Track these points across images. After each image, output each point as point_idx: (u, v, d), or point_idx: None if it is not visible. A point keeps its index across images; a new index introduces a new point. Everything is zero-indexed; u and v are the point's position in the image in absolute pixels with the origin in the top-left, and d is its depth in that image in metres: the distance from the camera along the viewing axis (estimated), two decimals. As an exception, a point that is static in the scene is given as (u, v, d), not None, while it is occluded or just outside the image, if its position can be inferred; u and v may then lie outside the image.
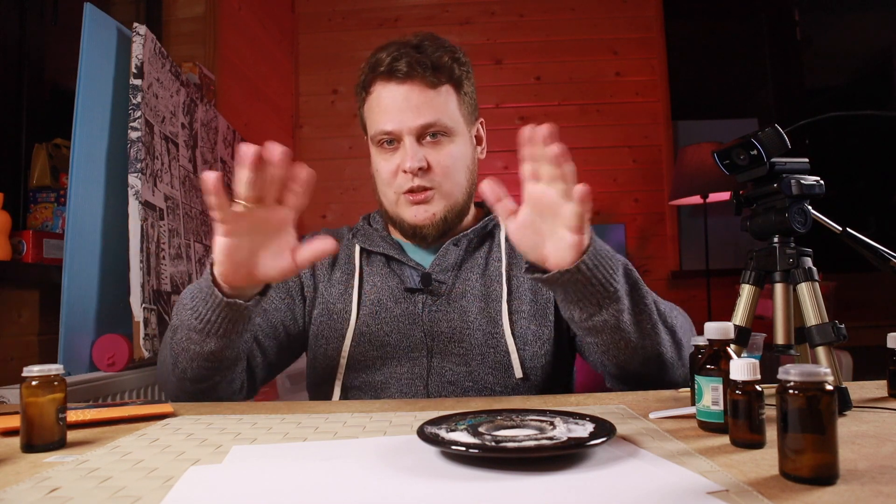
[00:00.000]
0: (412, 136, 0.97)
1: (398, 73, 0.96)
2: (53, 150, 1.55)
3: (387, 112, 0.97)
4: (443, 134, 0.98)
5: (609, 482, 0.46)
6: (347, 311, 1.00)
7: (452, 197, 1.00)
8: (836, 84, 3.66)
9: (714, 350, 0.62)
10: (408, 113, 0.96)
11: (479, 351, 0.95)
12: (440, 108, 0.97)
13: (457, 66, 1.00)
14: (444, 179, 0.99)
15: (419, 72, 0.96)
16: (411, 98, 0.96)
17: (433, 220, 0.99)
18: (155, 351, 1.34)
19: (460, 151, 1.01)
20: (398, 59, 0.96)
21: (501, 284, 1.00)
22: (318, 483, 0.48)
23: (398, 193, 0.99)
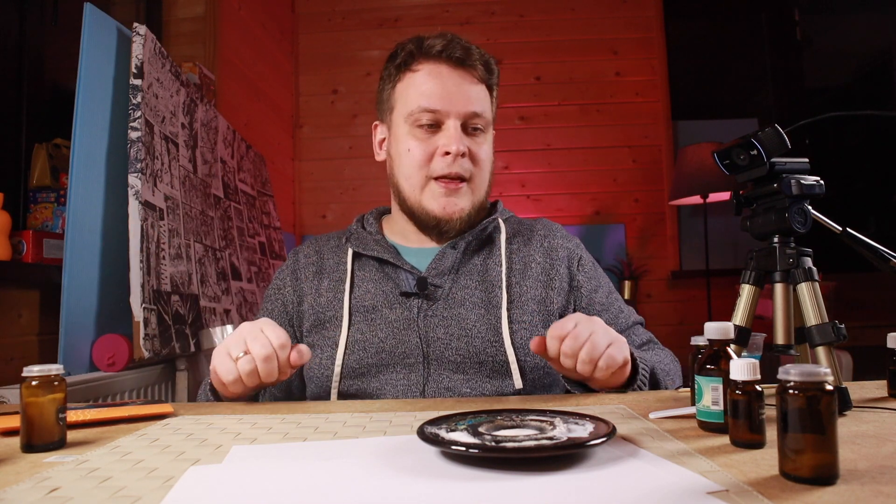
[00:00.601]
0: (458, 120, 0.97)
1: (454, 56, 0.97)
2: (53, 150, 1.55)
3: (436, 90, 0.97)
4: (483, 128, 0.99)
5: (609, 482, 0.46)
6: (339, 318, 0.98)
7: (479, 193, 1.01)
8: (836, 84, 3.66)
9: (714, 350, 0.62)
10: (459, 97, 0.96)
11: (477, 359, 0.93)
12: (485, 102, 1.00)
13: (497, 70, 1.03)
14: (478, 171, 0.99)
15: (473, 62, 0.98)
16: (463, 84, 0.97)
17: (461, 215, 0.99)
18: (155, 351, 1.34)
19: (491, 150, 1.03)
20: (455, 43, 0.98)
21: (501, 291, 0.97)
22: (318, 483, 0.48)
23: (429, 178, 0.98)
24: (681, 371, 1.00)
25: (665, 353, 1.01)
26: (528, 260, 1.02)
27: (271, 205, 2.54)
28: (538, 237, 1.05)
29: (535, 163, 3.33)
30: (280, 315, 1.04)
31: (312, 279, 1.03)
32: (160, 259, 1.44)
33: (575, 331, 0.78)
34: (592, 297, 1.03)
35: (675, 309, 3.28)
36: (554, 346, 0.79)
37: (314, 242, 1.10)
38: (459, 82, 0.97)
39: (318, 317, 1.00)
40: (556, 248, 1.04)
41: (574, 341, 0.78)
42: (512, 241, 1.04)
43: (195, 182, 1.73)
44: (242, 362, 0.78)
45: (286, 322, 1.04)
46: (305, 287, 1.03)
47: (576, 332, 0.78)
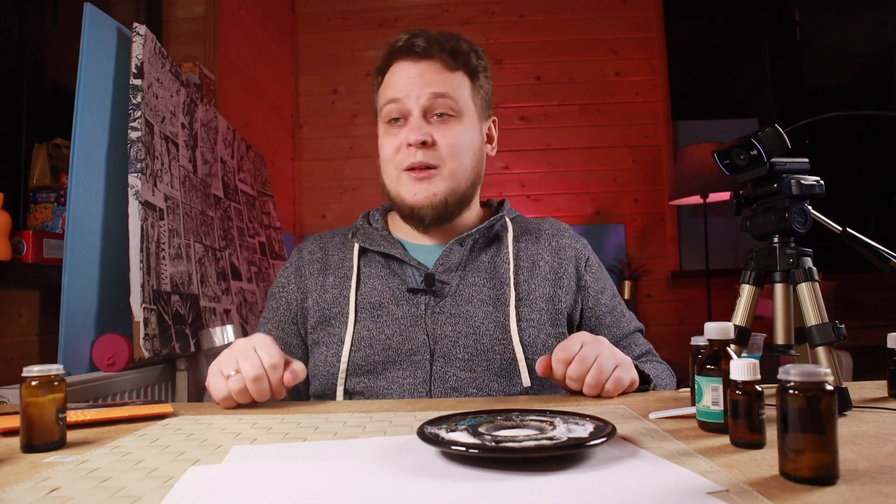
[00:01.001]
0: (420, 107, 0.97)
1: (416, 49, 0.98)
2: (53, 150, 1.55)
3: (397, 84, 0.98)
4: (451, 114, 0.98)
5: (609, 482, 0.46)
6: (345, 314, 0.97)
7: (456, 179, 0.98)
8: (836, 84, 3.66)
9: (714, 350, 0.62)
10: (419, 86, 0.97)
11: (484, 356, 0.93)
12: (453, 86, 0.99)
13: (474, 55, 1.02)
14: (449, 158, 0.97)
15: (436, 51, 0.97)
16: (426, 74, 0.97)
17: (432, 201, 0.97)
18: (155, 351, 1.34)
19: (468, 135, 1.00)
20: (417, 37, 0.98)
21: (510, 288, 0.97)
22: (318, 483, 0.48)
23: (399, 170, 0.98)
24: (675, 385, 1.00)
25: (663, 367, 1.01)
26: (536, 258, 1.02)
27: (271, 205, 2.54)
28: (546, 236, 1.06)
29: (535, 163, 3.33)
30: (284, 314, 1.04)
31: (317, 276, 1.03)
32: (160, 259, 1.44)
33: (581, 353, 0.79)
34: (599, 297, 1.03)
35: (675, 309, 3.27)
36: (560, 369, 0.80)
37: (318, 239, 1.10)
38: (421, 72, 0.97)
39: (324, 313, 0.99)
40: (564, 247, 1.04)
41: (580, 365, 0.79)
42: (520, 240, 1.04)
43: (195, 182, 1.73)
44: (232, 381, 0.78)
45: (290, 320, 1.04)
46: (310, 284, 1.03)
47: (582, 354, 0.79)
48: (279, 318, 1.04)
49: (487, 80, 1.06)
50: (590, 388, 0.79)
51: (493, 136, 1.09)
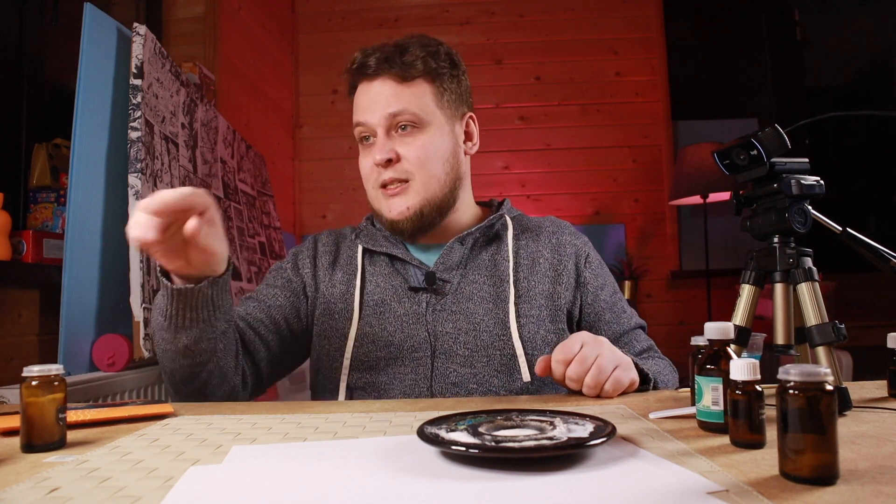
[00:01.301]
0: (382, 128, 0.98)
1: (368, 71, 0.99)
2: (53, 150, 1.55)
3: (359, 107, 1.00)
4: (413, 125, 0.98)
5: (609, 482, 0.46)
6: (349, 310, 1.00)
7: (429, 189, 0.99)
8: (836, 84, 3.66)
9: (714, 350, 0.62)
10: (376, 106, 0.98)
11: (485, 353, 0.94)
12: (409, 100, 0.98)
13: (432, 59, 0.99)
14: (417, 170, 0.98)
15: (386, 67, 0.98)
16: (381, 92, 0.98)
17: (407, 215, 0.99)
18: (155, 351, 1.34)
19: (435, 143, 0.99)
20: (368, 55, 0.99)
21: (509, 286, 0.99)
22: (318, 483, 0.48)
23: (375, 188, 1.01)
24: (678, 381, 1.00)
25: (664, 363, 1.02)
26: (536, 256, 1.03)
27: (271, 205, 2.54)
28: (547, 234, 1.07)
29: (535, 163, 3.33)
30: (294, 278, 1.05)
31: (328, 268, 1.06)
32: (160, 259, 1.44)
33: (581, 354, 0.79)
34: (598, 294, 1.04)
35: (675, 309, 3.27)
36: (559, 370, 0.80)
37: (333, 234, 1.13)
38: (379, 91, 0.98)
39: (329, 306, 1.02)
40: (564, 244, 1.05)
41: (580, 366, 0.79)
42: (520, 238, 1.06)
43: (195, 182, 1.73)
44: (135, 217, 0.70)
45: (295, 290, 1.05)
46: (321, 274, 1.06)
47: (582, 355, 0.79)
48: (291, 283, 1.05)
49: (456, 79, 1.03)
50: (589, 389, 0.79)
51: (472, 133, 1.08)
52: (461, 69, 1.05)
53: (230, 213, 2.02)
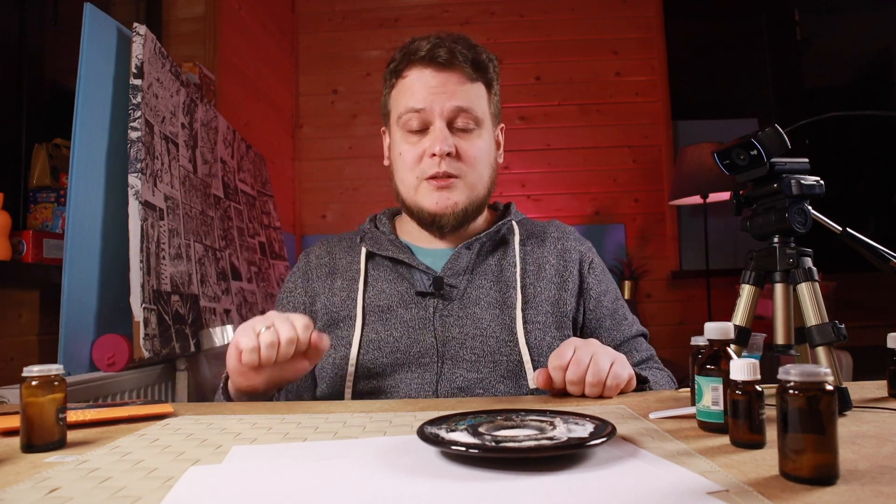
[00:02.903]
0: (443, 119, 0.97)
1: (439, 59, 0.97)
2: (53, 150, 1.55)
3: (420, 92, 0.98)
4: (473, 124, 0.99)
5: (609, 482, 0.46)
6: (352, 317, 0.98)
7: (476, 189, 1.00)
8: (836, 84, 3.66)
9: (714, 350, 0.62)
10: (442, 96, 0.97)
11: (491, 358, 0.94)
12: (474, 98, 0.99)
13: (492, 66, 1.02)
14: (470, 169, 0.99)
15: (459, 62, 0.97)
16: (448, 84, 0.97)
17: (454, 209, 0.98)
18: (155, 351, 1.34)
19: (487, 146, 1.02)
20: (439, 46, 0.98)
21: (516, 291, 0.98)
22: (318, 483, 0.48)
23: (420, 179, 0.99)
24: None
25: (663, 374, 1.01)
26: (542, 262, 1.03)
27: (271, 205, 2.54)
28: (552, 239, 1.07)
29: (535, 163, 3.33)
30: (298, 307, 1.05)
31: (325, 279, 1.04)
32: (160, 259, 1.44)
33: (575, 356, 0.79)
34: (600, 300, 1.04)
35: (675, 309, 3.27)
36: (558, 376, 0.80)
37: (325, 243, 1.11)
38: (444, 82, 0.97)
39: (332, 316, 1.00)
40: (569, 250, 1.05)
41: (577, 366, 0.79)
42: (526, 243, 1.05)
43: (195, 182, 1.73)
44: (265, 335, 0.77)
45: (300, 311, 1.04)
46: (317, 287, 1.04)
47: (576, 357, 0.79)
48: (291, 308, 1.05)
49: (499, 89, 1.06)
50: (591, 388, 0.79)
51: (500, 143, 1.10)
52: (500, 84, 1.07)
53: (230, 213, 2.02)
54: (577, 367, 0.79)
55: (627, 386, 0.84)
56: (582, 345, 0.81)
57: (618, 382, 0.80)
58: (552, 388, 0.82)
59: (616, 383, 0.80)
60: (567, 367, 0.79)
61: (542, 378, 0.81)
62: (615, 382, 0.80)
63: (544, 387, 0.82)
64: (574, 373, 0.79)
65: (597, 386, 0.79)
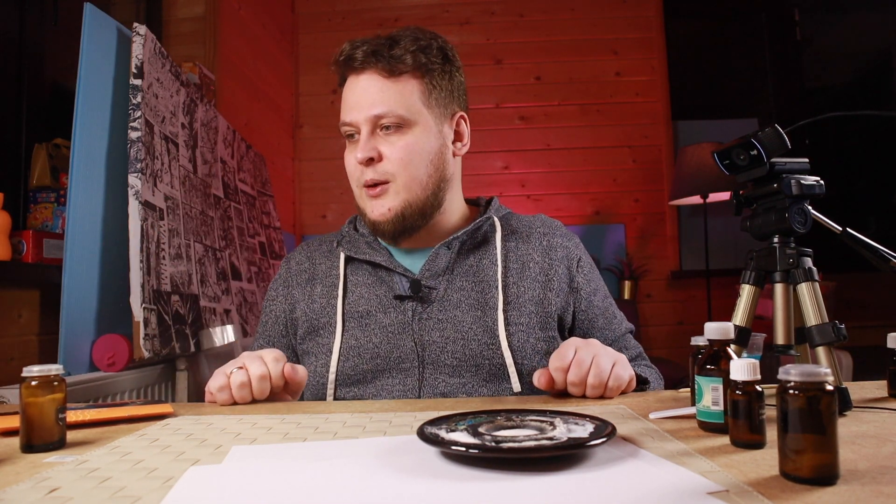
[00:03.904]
0: (367, 126, 0.94)
1: (354, 63, 0.94)
2: (53, 150, 1.55)
3: (345, 103, 0.97)
4: (397, 125, 0.94)
5: (609, 482, 0.46)
6: (332, 324, 0.96)
7: (411, 191, 0.94)
8: (836, 84, 3.66)
9: (714, 350, 0.62)
10: (362, 104, 0.94)
11: (473, 362, 0.91)
12: (394, 98, 0.93)
13: (423, 55, 0.94)
14: (399, 171, 0.94)
15: (373, 61, 0.93)
16: (368, 88, 0.94)
17: (389, 216, 0.94)
18: (155, 351, 1.34)
19: (419, 143, 0.94)
20: (356, 47, 0.95)
21: (497, 292, 0.95)
22: (318, 483, 0.48)
23: (359, 187, 0.97)
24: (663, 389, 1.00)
25: (652, 372, 1.01)
26: (525, 259, 1.00)
27: (271, 205, 2.54)
28: (537, 235, 1.03)
29: (535, 163, 3.33)
30: (273, 327, 1.05)
31: (305, 286, 1.03)
32: (160, 259, 1.44)
33: (577, 357, 0.79)
34: (592, 300, 1.02)
35: (675, 309, 3.27)
36: (560, 377, 0.80)
37: (306, 248, 1.09)
38: (365, 87, 0.94)
39: (312, 323, 0.99)
40: (555, 247, 1.02)
41: (579, 368, 0.79)
42: (509, 240, 1.02)
43: (195, 182, 1.73)
44: (235, 375, 0.80)
45: (279, 334, 1.04)
46: (297, 294, 1.03)
47: (578, 358, 0.79)
48: (269, 332, 1.05)
49: (448, 76, 0.98)
50: (593, 389, 0.79)
51: (462, 133, 1.02)
52: (455, 65, 1.00)
53: (230, 213, 2.02)
54: (578, 369, 0.78)
55: (628, 387, 0.83)
56: (583, 345, 0.80)
57: (619, 384, 0.80)
58: (553, 389, 0.82)
59: (618, 384, 0.80)
60: (568, 369, 0.79)
61: (544, 379, 0.81)
62: (617, 384, 0.79)
63: (546, 388, 0.81)
64: (576, 374, 0.78)
65: (598, 388, 0.79)
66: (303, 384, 0.87)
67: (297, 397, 0.89)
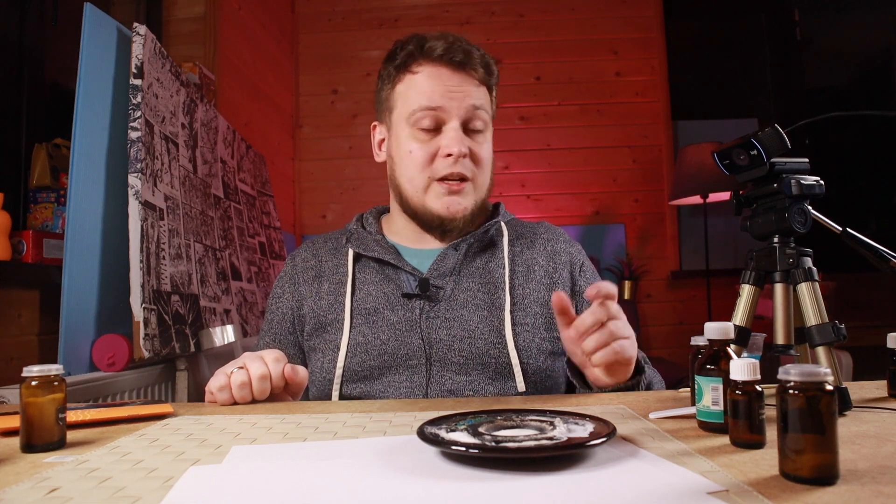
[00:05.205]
0: (460, 119, 0.96)
1: (455, 59, 0.97)
2: (53, 150, 1.55)
3: (436, 90, 0.96)
4: (483, 127, 0.99)
5: (609, 482, 0.46)
6: (340, 320, 0.97)
7: (481, 192, 1.01)
8: (836, 84, 3.66)
9: (714, 350, 0.62)
10: (460, 97, 0.96)
11: (479, 360, 0.93)
12: (485, 100, 1.00)
13: (496, 70, 1.03)
14: (480, 171, 0.99)
15: (473, 65, 0.97)
16: (464, 85, 0.97)
17: (464, 214, 0.98)
18: (155, 351, 1.34)
19: (491, 150, 1.03)
20: (455, 46, 0.97)
21: (504, 293, 0.97)
22: (318, 483, 0.48)
23: (432, 179, 0.97)
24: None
25: (653, 372, 1.01)
26: (531, 263, 1.02)
27: (271, 205, 2.54)
28: (541, 240, 1.05)
29: (535, 163, 3.33)
30: (279, 324, 1.05)
31: (312, 283, 1.03)
32: (160, 259, 1.44)
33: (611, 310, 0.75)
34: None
35: (675, 309, 3.27)
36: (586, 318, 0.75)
37: (311, 245, 1.09)
38: (460, 83, 0.97)
39: (319, 320, 0.99)
40: (559, 251, 1.04)
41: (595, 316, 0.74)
42: (514, 244, 1.04)
43: (195, 182, 1.73)
44: (235, 375, 0.80)
45: (286, 331, 1.04)
46: (304, 290, 1.03)
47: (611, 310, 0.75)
48: (275, 329, 1.05)
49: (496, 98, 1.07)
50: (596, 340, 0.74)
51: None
52: None
53: (230, 213, 2.02)
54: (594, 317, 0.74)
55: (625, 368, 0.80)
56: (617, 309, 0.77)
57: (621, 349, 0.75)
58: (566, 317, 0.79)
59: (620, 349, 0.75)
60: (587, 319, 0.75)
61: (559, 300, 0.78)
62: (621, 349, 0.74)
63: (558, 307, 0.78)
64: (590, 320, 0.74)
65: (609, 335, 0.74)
66: (303, 385, 0.86)
67: (297, 398, 0.89)
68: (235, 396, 0.81)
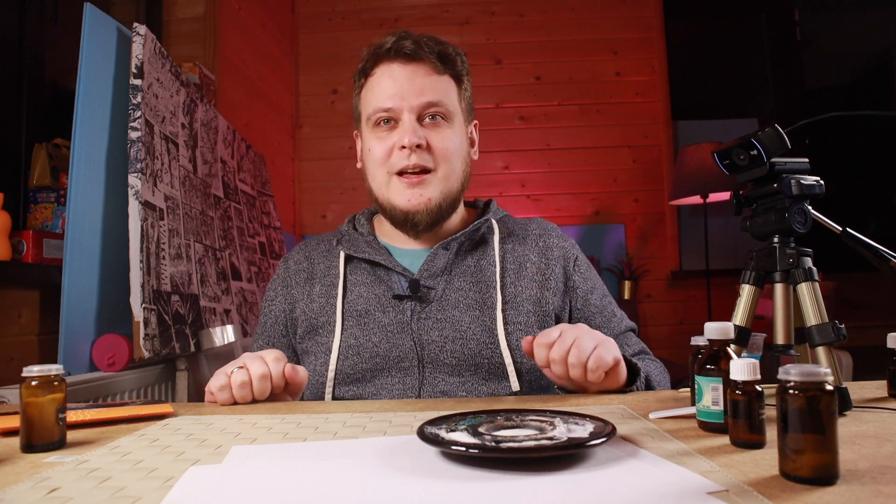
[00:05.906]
0: (413, 113, 0.95)
1: (405, 51, 0.96)
2: (53, 150, 1.55)
3: (388, 89, 0.96)
4: (443, 117, 0.97)
5: (609, 482, 0.46)
6: (332, 323, 0.97)
7: (449, 182, 0.98)
8: (836, 84, 3.66)
9: (714, 350, 0.62)
10: (411, 91, 0.95)
11: (472, 361, 0.92)
12: (443, 90, 0.98)
13: (459, 60, 1.01)
14: (442, 161, 0.96)
15: (425, 53, 0.96)
16: (416, 77, 0.96)
17: (428, 206, 0.96)
18: (155, 351, 1.34)
19: (458, 139, 1.00)
20: (405, 39, 0.97)
21: (496, 292, 0.96)
22: (318, 483, 0.48)
23: (391, 174, 0.97)
24: (669, 384, 1.00)
25: (656, 365, 1.01)
26: (522, 260, 1.01)
27: (271, 205, 2.54)
28: (533, 237, 1.04)
29: (535, 163, 3.33)
30: (272, 327, 1.05)
31: (304, 285, 1.03)
32: (160, 259, 1.44)
33: (561, 338, 0.78)
34: (588, 298, 1.02)
35: (675, 309, 3.27)
36: (541, 353, 0.79)
37: (304, 248, 1.09)
38: (411, 76, 0.96)
39: (311, 323, 0.99)
40: (551, 247, 1.03)
41: (561, 346, 0.78)
42: (506, 241, 1.03)
43: (195, 182, 1.73)
44: (236, 374, 0.80)
45: (279, 334, 1.04)
46: (296, 293, 1.03)
47: (562, 339, 0.78)
48: (269, 332, 1.05)
49: (470, 85, 1.05)
50: (573, 369, 0.77)
51: (474, 141, 1.08)
52: (470, 80, 1.06)
53: (230, 213, 2.02)
54: (560, 347, 0.77)
55: (614, 373, 0.82)
56: (568, 328, 0.80)
57: (599, 364, 0.77)
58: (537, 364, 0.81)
59: (598, 365, 0.77)
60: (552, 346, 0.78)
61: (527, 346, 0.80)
62: (597, 364, 0.77)
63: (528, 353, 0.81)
64: (557, 352, 0.77)
65: (579, 367, 0.77)
66: (303, 385, 0.86)
67: (297, 398, 0.89)
68: (236, 396, 0.81)
